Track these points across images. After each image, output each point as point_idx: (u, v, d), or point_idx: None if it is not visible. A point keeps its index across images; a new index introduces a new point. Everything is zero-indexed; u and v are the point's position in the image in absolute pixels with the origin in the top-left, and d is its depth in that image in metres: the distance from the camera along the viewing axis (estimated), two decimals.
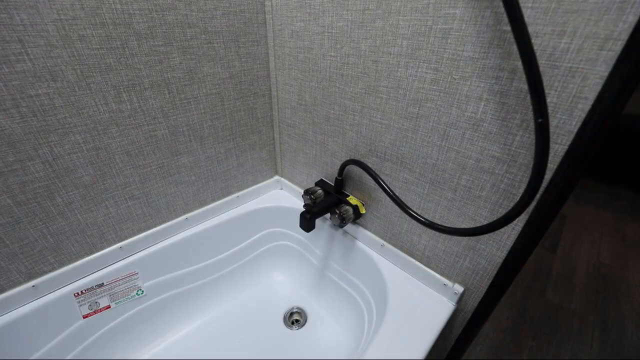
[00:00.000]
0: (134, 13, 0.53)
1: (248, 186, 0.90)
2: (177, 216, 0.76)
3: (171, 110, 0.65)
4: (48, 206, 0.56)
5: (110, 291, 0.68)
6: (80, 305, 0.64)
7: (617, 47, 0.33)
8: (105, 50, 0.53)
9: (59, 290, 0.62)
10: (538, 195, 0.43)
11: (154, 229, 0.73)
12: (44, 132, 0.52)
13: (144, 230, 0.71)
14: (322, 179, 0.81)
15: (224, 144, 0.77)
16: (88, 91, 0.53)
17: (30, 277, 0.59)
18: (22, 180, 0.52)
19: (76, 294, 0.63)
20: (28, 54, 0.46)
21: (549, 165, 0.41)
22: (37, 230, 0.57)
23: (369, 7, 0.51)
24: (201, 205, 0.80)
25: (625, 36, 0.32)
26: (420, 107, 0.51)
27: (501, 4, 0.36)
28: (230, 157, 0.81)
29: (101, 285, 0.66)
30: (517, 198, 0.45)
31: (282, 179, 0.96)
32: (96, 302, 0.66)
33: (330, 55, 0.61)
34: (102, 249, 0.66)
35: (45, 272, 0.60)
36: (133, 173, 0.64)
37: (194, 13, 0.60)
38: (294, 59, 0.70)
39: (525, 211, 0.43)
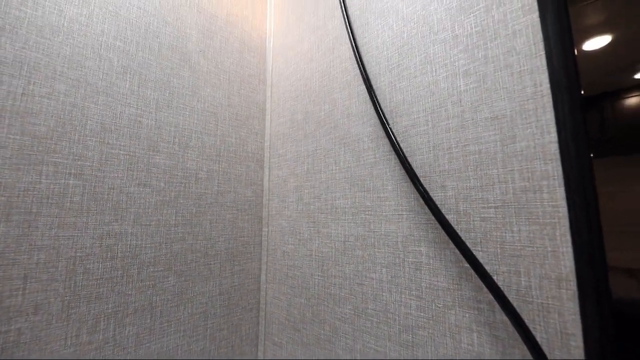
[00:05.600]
0: (145, 246, 0.61)
1: None
2: None
3: (147, 337, 0.59)
4: None
5: None
6: None
7: (572, 286, 0.36)
8: (103, 281, 0.55)
9: None
10: None
11: None
12: None
13: None
14: None
15: None
16: (66, 322, 0.51)
17: None
18: None
19: None
20: (25, 289, 0.48)
21: None
22: None
23: (348, 239, 0.60)
24: None
25: (572, 277, 0.36)
26: (414, 334, 0.48)
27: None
28: None
29: None
30: None
31: None
32: None
33: (318, 275, 0.65)
34: None
35: None
36: None
37: (199, 242, 0.69)
38: (285, 275, 0.74)
39: None
